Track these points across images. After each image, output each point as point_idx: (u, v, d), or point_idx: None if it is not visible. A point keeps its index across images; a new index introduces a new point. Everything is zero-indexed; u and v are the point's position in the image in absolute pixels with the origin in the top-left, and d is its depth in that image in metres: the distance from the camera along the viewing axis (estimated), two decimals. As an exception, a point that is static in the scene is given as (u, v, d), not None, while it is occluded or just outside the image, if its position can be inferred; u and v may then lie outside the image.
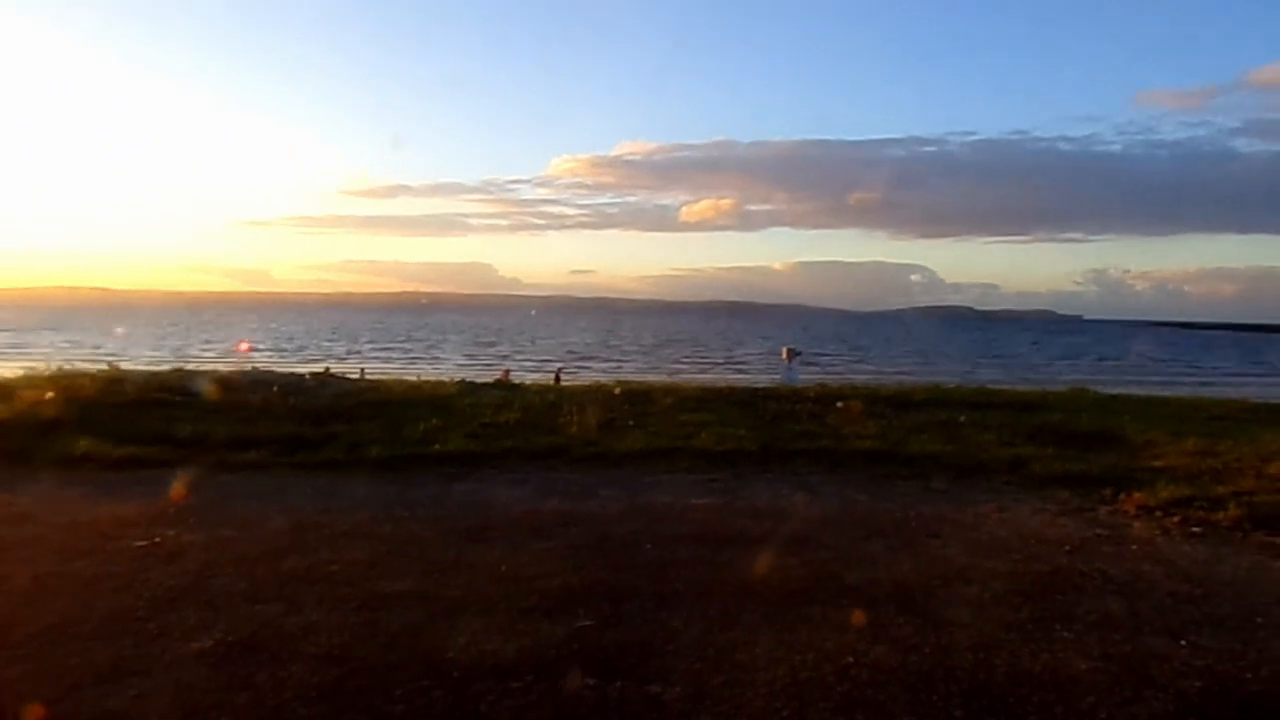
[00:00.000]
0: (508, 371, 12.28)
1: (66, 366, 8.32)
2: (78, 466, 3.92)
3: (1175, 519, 3.20)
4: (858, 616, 2.14)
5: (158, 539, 2.73)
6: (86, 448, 4.16)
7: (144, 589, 2.26)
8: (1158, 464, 4.13)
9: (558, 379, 10.81)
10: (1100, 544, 2.89)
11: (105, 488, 3.51)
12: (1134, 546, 2.87)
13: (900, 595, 2.33)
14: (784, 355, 14.07)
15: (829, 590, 2.36)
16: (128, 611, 2.10)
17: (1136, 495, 3.45)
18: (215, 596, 2.22)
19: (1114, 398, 7.50)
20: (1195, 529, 3.10)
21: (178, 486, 3.53)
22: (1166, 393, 10.10)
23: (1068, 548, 2.83)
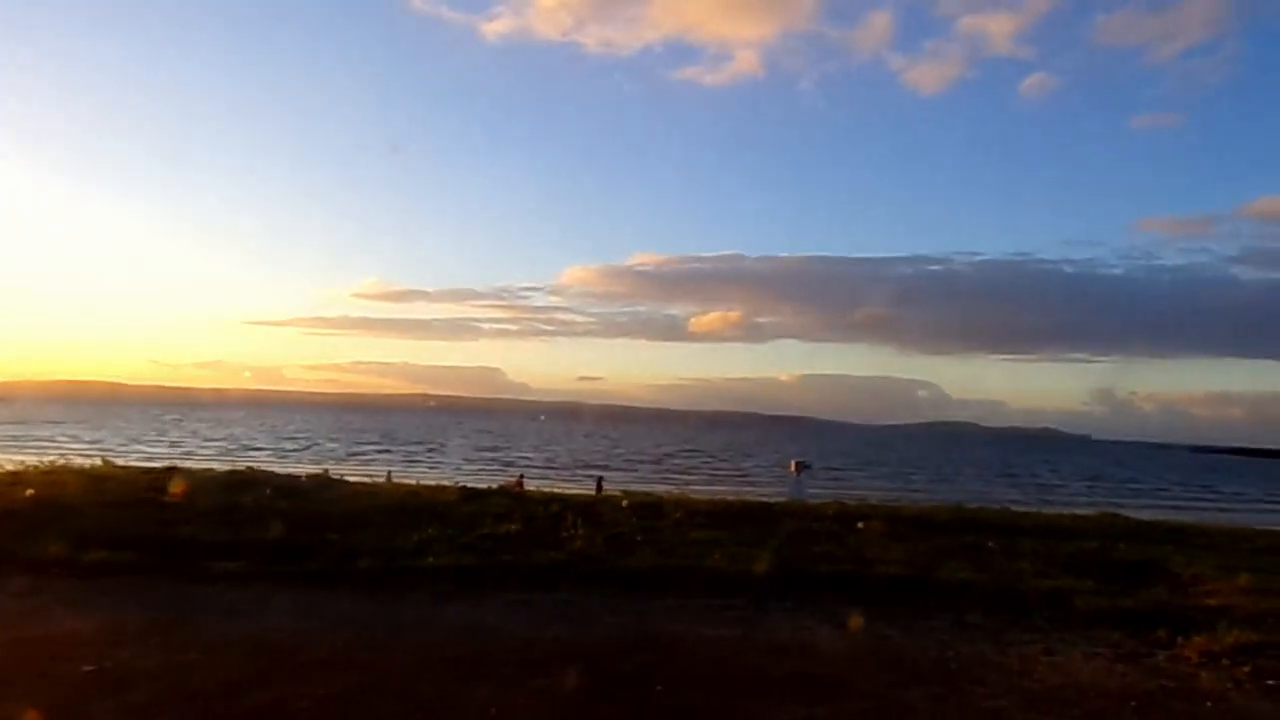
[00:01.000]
0: (521, 478, 11.94)
1: (60, 461, 8.09)
2: (43, 572, 3.64)
3: (1245, 669, 2.87)
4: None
5: (107, 664, 2.43)
6: (56, 552, 3.88)
7: (78, 728, 1.96)
8: (1212, 602, 3.79)
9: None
10: (1169, 699, 2.56)
11: (67, 598, 3.22)
12: (1208, 704, 2.53)
13: (952, 760, 2.01)
14: (792, 468, 13.78)
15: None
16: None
17: (1198, 640, 3.12)
18: (159, 740, 1.92)
19: (1148, 524, 7.14)
20: (1270, 681, 2.76)
21: (146, 599, 3.24)
22: (1191, 518, 9.71)
23: (1134, 703, 2.49)
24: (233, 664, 2.51)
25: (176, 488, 5.81)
